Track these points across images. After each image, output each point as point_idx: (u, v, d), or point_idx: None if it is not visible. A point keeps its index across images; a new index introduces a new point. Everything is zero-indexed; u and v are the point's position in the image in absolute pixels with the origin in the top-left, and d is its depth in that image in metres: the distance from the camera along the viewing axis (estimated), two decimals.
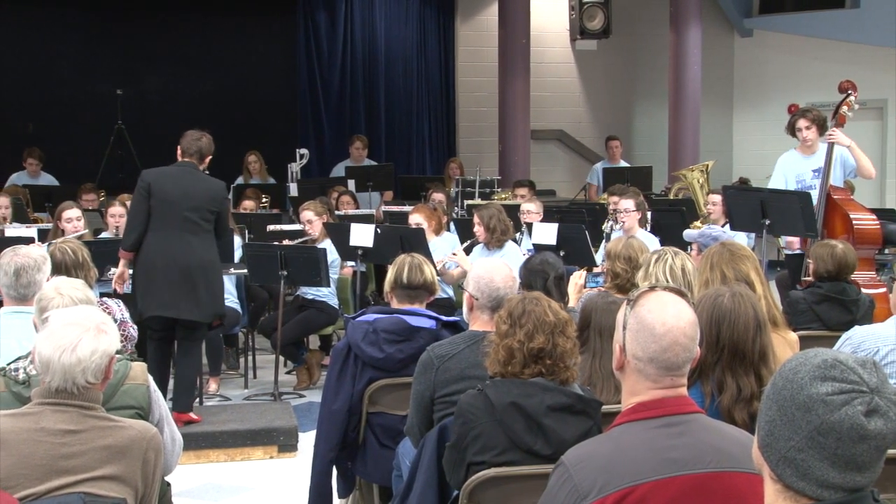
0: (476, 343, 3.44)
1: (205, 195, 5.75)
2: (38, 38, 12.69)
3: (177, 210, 5.68)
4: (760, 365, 2.80)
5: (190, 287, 5.69)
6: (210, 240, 5.82)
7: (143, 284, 5.72)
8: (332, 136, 13.21)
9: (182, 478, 5.08)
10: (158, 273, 5.67)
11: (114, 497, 2.55)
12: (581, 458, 2.11)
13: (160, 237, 5.69)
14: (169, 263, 5.67)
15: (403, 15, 13.55)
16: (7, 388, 3.05)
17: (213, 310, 5.87)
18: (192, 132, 5.86)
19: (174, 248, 5.67)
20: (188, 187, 5.72)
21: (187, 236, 5.70)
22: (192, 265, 5.69)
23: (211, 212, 5.77)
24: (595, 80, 14.23)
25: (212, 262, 5.82)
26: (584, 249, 6.80)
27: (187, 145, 5.80)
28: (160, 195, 5.70)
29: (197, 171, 5.80)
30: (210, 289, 5.79)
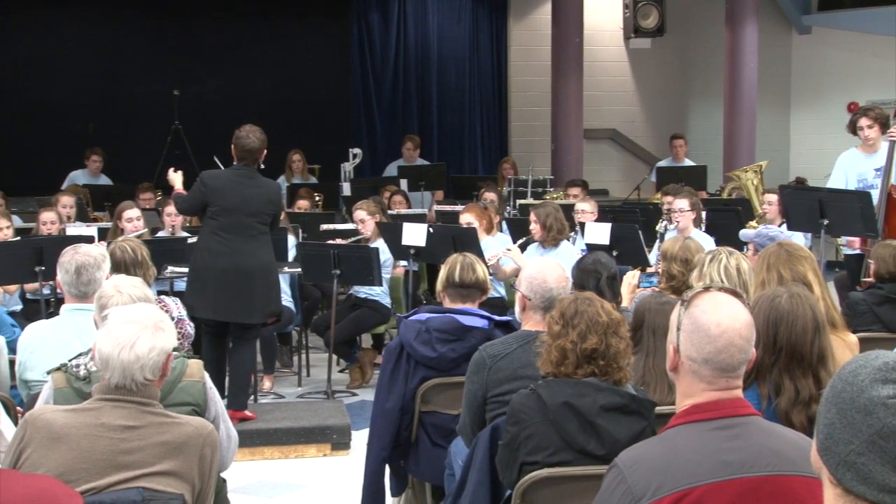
0: (528, 343, 3.43)
1: (262, 200, 5.84)
2: (99, 39, 12.98)
3: (236, 216, 5.76)
4: (819, 367, 2.76)
5: (248, 291, 5.76)
6: (267, 241, 5.91)
7: (197, 287, 5.80)
8: (385, 136, 13.28)
9: (237, 474, 5.13)
10: (216, 277, 5.75)
11: (172, 492, 2.58)
12: (635, 459, 2.09)
13: (219, 244, 5.77)
14: (228, 269, 5.73)
15: (456, 15, 13.56)
16: (68, 384, 3.11)
17: (269, 310, 5.96)
18: (243, 132, 5.87)
19: (234, 254, 5.75)
20: (246, 193, 5.78)
21: (247, 242, 5.77)
22: (252, 269, 5.77)
23: (269, 214, 5.87)
24: (649, 79, 14.11)
25: (269, 264, 5.92)
26: (638, 249, 6.74)
27: (239, 149, 5.85)
28: (219, 202, 5.78)
29: (253, 176, 5.85)
30: (268, 290, 5.88)
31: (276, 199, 5.98)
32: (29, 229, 7.65)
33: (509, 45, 13.84)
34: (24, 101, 12.66)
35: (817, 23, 13.88)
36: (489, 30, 13.72)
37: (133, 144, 12.58)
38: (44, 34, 12.86)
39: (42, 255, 6.06)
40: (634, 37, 13.20)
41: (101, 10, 12.88)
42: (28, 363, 3.92)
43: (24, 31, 12.84)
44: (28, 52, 12.83)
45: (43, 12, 12.77)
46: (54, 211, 7.60)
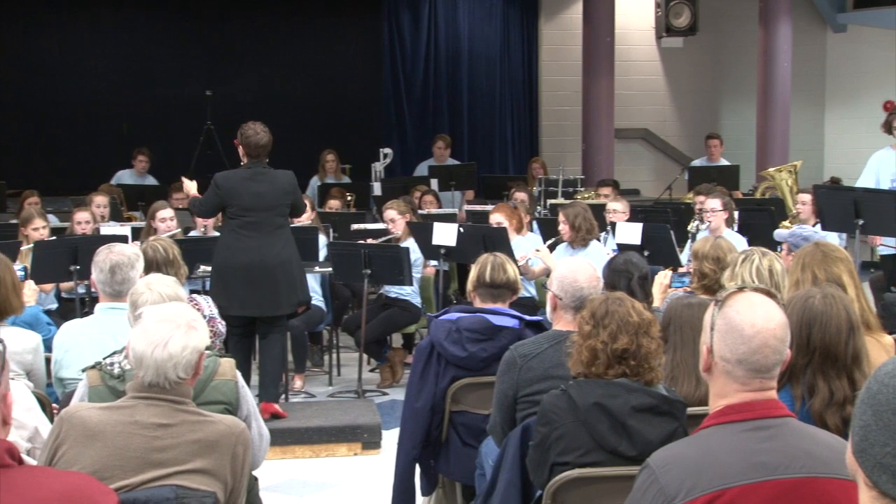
0: (559, 343, 3.42)
1: (277, 192, 5.93)
2: (133, 40, 13.12)
3: (254, 214, 5.86)
4: (853, 368, 2.73)
5: (272, 284, 5.85)
6: (287, 234, 6.02)
7: (222, 286, 5.86)
8: (416, 136, 13.29)
9: (268, 473, 5.16)
10: (240, 274, 5.83)
11: (204, 490, 2.60)
12: (668, 460, 2.08)
13: (240, 241, 5.85)
14: (251, 265, 5.82)
15: (487, 14, 13.55)
16: (103, 382, 3.15)
17: (295, 299, 6.05)
18: (250, 129, 5.95)
19: (256, 250, 5.84)
20: (260, 190, 5.88)
21: (267, 236, 5.87)
22: (274, 263, 5.86)
23: (286, 205, 5.98)
24: (681, 78, 14.03)
25: (292, 255, 6.01)
26: (669, 249, 6.70)
27: (251, 147, 5.92)
28: (236, 201, 5.88)
29: (267, 172, 5.96)
30: (291, 282, 5.96)
31: (290, 189, 6.01)
32: (64, 229, 7.74)
33: (540, 45, 13.81)
34: (59, 102, 12.81)
35: (853, 21, 13.72)
36: (520, 29, 13.70)
37: (166, 144, 12.68)
38: (78, 36, 13.01)
39: (77, 254, 6.13)
40: (666, 36, 13.12)
41: (135, 12, 13.02)
42: (63, 361, 3.96)
43: (59, 32, 13.00)
44: (63, 54, 12.99)
45: (78, 14, 12.92)
46: (88, 211, 7.67)
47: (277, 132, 6.22)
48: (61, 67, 12.95)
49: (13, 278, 4.11)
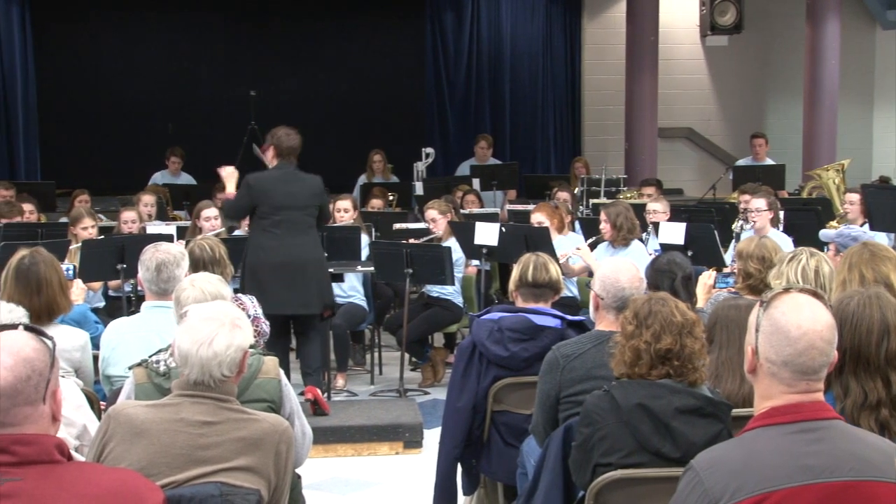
0: (602, 343, 3.41)
1: (307, 194, 6.09)
2: (179, 42, 13.29)
3: (286, 213, 6.00)
4: (889, 370, 2.67)
5: (302, 283, 5.99)
6: (315, 235, 6.18)
7: (254, 284, 5.91)
8: (458, 135, 13.30)
9: (311, 471, 5.19)
10: (271, 273, 5.96)
11: (248, 487, 2.61)
12: (712, 462, 2.06)
13: (271, 240, 5.99)
14: (281, 263, 5.96)
15: (529, 14, 13.52)
16: (149, 380, 3.18)
17: (323, 301, 6.17)
18: (282, 131, 6.11)
19: (287, 248, 5.98)
20: (292, 189, 6.03)
21: (298, 236, 6.02)
22: (305, 262, 6.01)
23: (315, 207, 6.12)
24: (726, 77, 13.89)
25: (319, 257, 6.21)
26: (713, 249, 6.64)
27: (283, 149, 6.05)
28: (268, 200, 6.01)
29: (297, 172, 6.11)
30: (319, 283, 6.12)
31: (319, 192, 6.20)
32: (111, 228, 7.85)
33: (583, 44, 13.75)
34: (107, 103, 13.01)
35: None
36: (563, 28, 13.65)
37: (210, 144, 12.81)
38: (126, 38, 13.20)
39: (124, 253, 6.21)
40: (711, 34, 13.00)
41: (182, 14, 13.19)
42: (110, 359, 4.02)
43: (107, 34, 13.20)
44: (110, 55, 13.19)
45: (125, 16, 13.11)
46: (135, 210, 7.78)
47: (320, 132, 6.32)
48: (110, 69, 13.15)
49: (61, 278, 4.17)
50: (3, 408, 1.90)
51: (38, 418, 1.95)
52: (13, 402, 1.91)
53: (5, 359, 1.93)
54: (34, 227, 7.44)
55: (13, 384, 1.92)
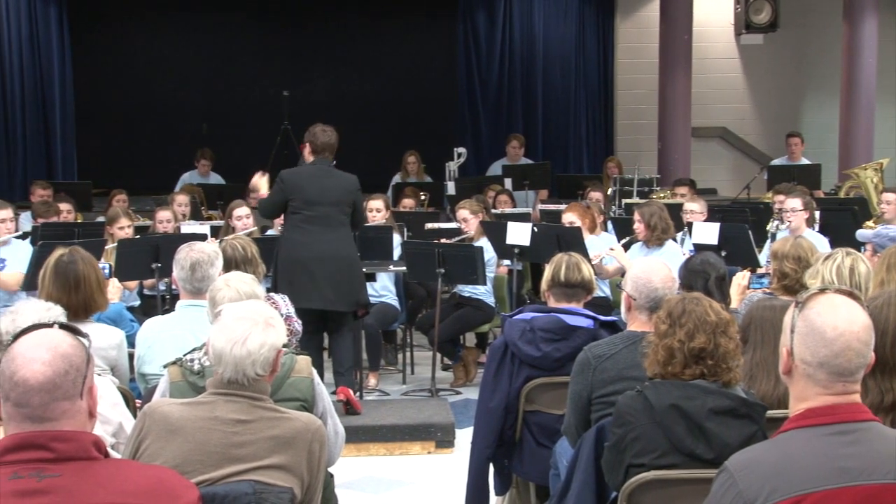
0: (634, 343, 3.39)
1: (341, 190, 6.07)
2: (212, 43, 13.42)
3: (318, 208, 6.00)
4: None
5: (333, 280, 5.98)
6: (348, 233, 6.16)
7: (287, 280, 5.96)
8: (490, 135, 13.29)
9: (343, 470, 5.20)
10: (304, 268, 5.97)
11: (282, 486, 2.63)
12: (746, 463, 2.05)
13: (303, 235, 6.00)
14: (313, 259, 5.96)
15: (562, 14, 13.49)
16: (183, 378, 3.21)
17: (355, 300, 6.14)
18: (319, 128, 6.13)
19: (318, 244, 5.97)
20: (325, 185, 6.03)
21: (329, 232, 6.01)
22: (335, 259, 6.00)
23: (348, 205, 6.10)
24: (761, 76, 13.76)
25: (352, 254, 6.17)
26: (748, 250, 6.59)
27: (317, 143, 6.06)
28: (300, 195, 6.02)
29: (331, 168, 6.11)
30: (351, 281, 6.09)
31: (353, 189, 6.17)
32: (146, 227, 7.92)
33: (616, 43, 13.69)
34: (142, 103, 13.15)
35: None
36: (595, 28, 13.60)
37: (244, 144, 12.92)
38: (161, 39, 13.34)
39: (158, 252, 6.26)
40: (746, 33, 12.90)
41: (215, 15, 13.30)
42: (145, 357, 4.06)
43: (142, 35, 13.35)
44: (146, 56, 13.33)
45: (160, 18, 13.25)
46: (170, 210, 7.85)
47: (352, 132, 6.32)
48: (145, 69, 13.29)
49: (98, 276, 4.22)
50: (42, 402, 1.93)
51: (76, 413, 1.97)
52: (52, 397, 1.94)
53: (43, 354, 1.96)
54: (71, 226, 7.52)
55: (52, 378, 1.94)
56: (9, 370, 1.96)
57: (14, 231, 6.58)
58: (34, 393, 1.93)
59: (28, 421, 1.94)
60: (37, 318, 3.29)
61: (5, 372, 1.96)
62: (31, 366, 1.94)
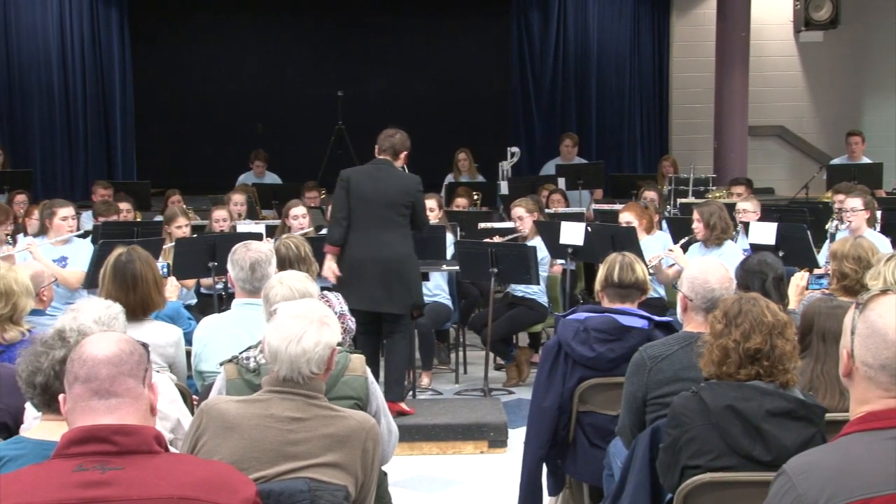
0: (690, 344, 3.36)
1: (398, 190, 5.96)
2: (268, 43, 13.57)
3: (373, 207, 5.93)
4: None
5: (386, 281, 5.90)
6: (405, 234, 6.02)
7: (345, 280, 5.97)
8: (543, 134, 13.26)
9: (396, 469, 5.22)
10: (358, 269, 5.93)
11: (336, 484, 2.65)
12: (805, 467, 2.02)
13: (359, 234, 5.96)
14: (367, 260, 5.90)
15: (617, 12, 13.41)
16: (239, 376, 3.25)
17: (409, 301, 6.04)
18: (387, 130, 6.09)
19: (372, 245, 5.91)
20: (383, 184, 5.95)
21: (384, 232, 5.93)
22: (388, 260, 5.90)
23: (405, 206, 5.97)
24: (820, 73, 13.54)
25: (407, 256, 6.02)
26: (806, 250, 6.49)
27: (381, 142, 6.05)
28: (357, 193, 5.97)
29: (391, 168, 6.02)
30: (404, 282, 5.97)
31: (411, 190, 6.00)
32: (203, 227, 8.02)
33: (671, 42, 13.57)
34: (199, 104, 13.33)
35: None
36: (651, 26, 13.50)
37: (298, 144, 13.05)
38: (217, 39, 13.51)
39: (215, 251, 6.33)
40: (805, 30, 12.71)
41: (270, 16, 13.46)
42: (202, 355, 4.11)
43: (199, 36, 13.53)
44: (202, 57, 13.51)
45: (217, 19, 13.43)
46: (226, 209, 7.94)
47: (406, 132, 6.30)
48: (202, 70, 13.48)
49: (156, 275, 4.29)
50: (109, 374, 2.04)
51: (139, 396, 2.05)
52: (119, 370, 2.04)
53: (108, 336, 2.14)
54: (130, 225, 7.65)
55: (118, 354, 2.07)
56: (77, 353, 2.10)
57: (76, 230, 6.70)
58: (102, 365, 2.05)
59: (96, 397, 2.02)
60: (97, 315, 3.36)
61: (73, 357, 2.09)
62: (98, 344, 2.10)
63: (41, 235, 6.59)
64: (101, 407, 2.02)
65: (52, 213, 6.53)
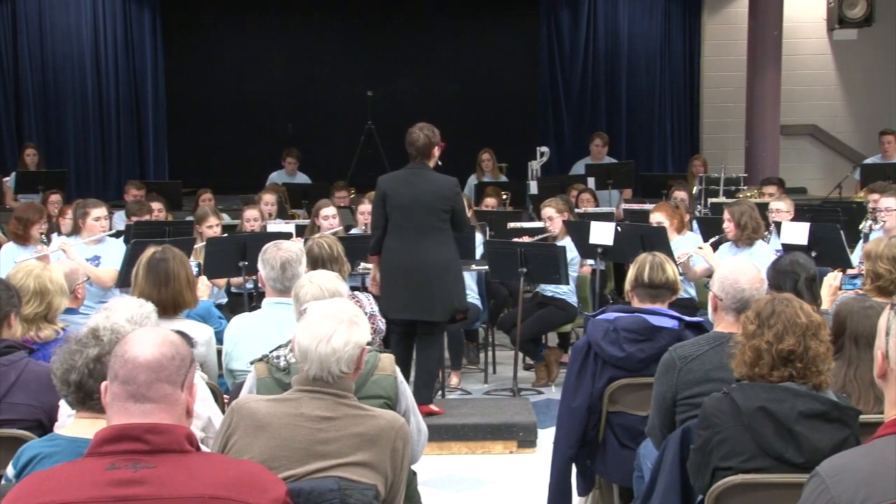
0: (721, 345, 3.34)
1: (435, 195, 5.80)
2: (298, 44, 13.64)
3: (411, 214, 5.81)
4: None
5: (427, 289, 5.79)
6: (445, 238, 5.87)
7: (385, 287, 5.90)
8: (573, 134, 13.22)
9: (425, 468, 5.22)
10: (397, 276, 5.85)
11: (366, 483, 2.65)
12: (839, 469, 1.99)
13: (397, 242, 5.86)
14: (406, 267, 5.81)
15: (647, 11, 13.35)
16: (269, 375, 3.27)
17: (451, 307, 5.93)
18: (414, 129, 5.90)
19: (410, 252, 5.80)
20: (419, 190, 5.80)
21: (422, 239, 5.80)
22: (428, 267, 5.79)
23: (444, 210, 5.83)
24: (854, 72, 13.40)
25: (447, 261, 5.87)
26: (839, 250, 6.42)
27: (409, 148, 5.89)
28: (394, 202, 5.85)
29: (426, 172, 5.85)
30: (445, 288, 5.85)
31: (448, 194, 5.83)
32: (233, 226, 8.07)
33: (703, 40, 13.49)
34: (230, 104, 13.42)
35: None
36: (682, 25, 13.42)
37: (328, 144, 13.10)
38: (248, 40, 13.60)
39: (246, 250, 6.37)
40: (839, 28, 12.59)
41: (300, 16, 13.52)
42: (233, 354, 4.14)
43: (230, 37, 13.62)
44: (233, 58, 13.60)
45: (247, 20, 13.51)
46: (257, 208, 7.98)
47: None
48: (233, 71, 13.57)
49: (187, 273, 4.32)
50: (147, 380, 2.03)
51: (175, 401, 2.05)
52: (157, 377, 2.03)
53: (153, 337, 2.11)
54: (162, 225, 7.71)
55: (158, 359, 2.06)
56: (121, 350, 2.09)
57: (108, 229, 6.76)
58: (141, 370, 2.04)
59: (132, 400, 2.03)
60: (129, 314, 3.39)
61: (117, 352, 2.09)
62: (142, 345, 2.08)
63: (74, 235, 6.66)
64: (136, 410, 2.03)
65: (85, 213, 6.60)
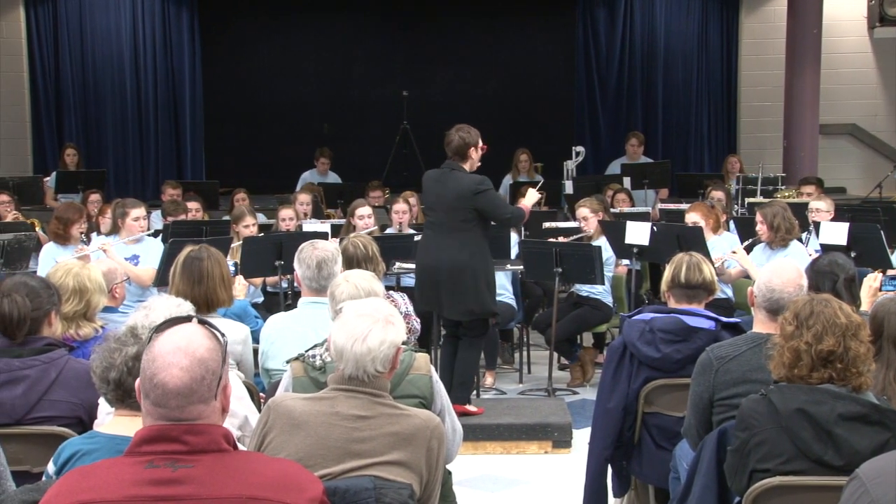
0: (759, 345, 3.32)
1: (456, 196, 5.75)
2: (334, 44, 13.71)
3: (435, 212, 5.92)
4: None
5: (442, 287, 5.83)
6: (469, 240, 5.78)
7: (416, 281, 6.09)
8: (609, 134, 13.17)
9: (461, 467, 5.22)
10: (420, 273, 5.99)
11: (401, 482, 2.66)
12: (879, 471, 1.97)
13: (424, 239, 6.03)
14: (427, 265, 5.90)
15: (684, 10, 13.27)
16: (305, 373, 3.28)
17: (466, 308, 5.83)
18: (448, 132, 5.91)
19: (432, 250, 5.87)
20: (444, 189, 5.83)
21: (442, 238, 5.83)
22: (444, 266, 5.79)
23: (466, 210, 5.75)
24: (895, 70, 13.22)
25: (464, 263, 5.76)
26: (879, 250, 6.34)
27: (446, 147, 5.92)
28: (424, 199, 6.09)
29: (455, 172, 5.81)
30: (459, 289, 5.78)
31: (466, 195, 5.70)
32: (269, 226, 8.12)
33: (740, 39, 13.37)
34: (266, 104, 13.52)
35: None
36: (719, 23, 13.32)
37: (364, 143, 13.15)
38: (283, 40, 13.68)
39: (282, 250, 6.41)
40: (880, 26, 12.43)
41: (336, 16, 13.58)
42: (269, 352, 4.16)
43: (266, 37, 13.71)
44: (269, 58, 13.69)
45: (283, 21, 13.59)
46: (293, 208, 8.03)
47: None
48: (269, 71, 13.66)
49: (223, 272, 4.35)
50: (178, 405, 2.01)
51: (210, 413, 2.05)
52: (188, 401, 2.02)
53: (181, 360, 2.02)
54: (199, 224, 7.77)
55: (189, 384, 2.02)
56: (150, 370, 2.04)
57: (146, 229, 6.83)
58: (171, 396, 2.02)
59: (164, 419, 2.03)
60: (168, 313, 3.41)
61: (146, 371, 2.04)
62: (171, 370, 2.01)
63: (114, 234, 6.74)
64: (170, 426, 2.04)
65: (124, 213, 6.67)
